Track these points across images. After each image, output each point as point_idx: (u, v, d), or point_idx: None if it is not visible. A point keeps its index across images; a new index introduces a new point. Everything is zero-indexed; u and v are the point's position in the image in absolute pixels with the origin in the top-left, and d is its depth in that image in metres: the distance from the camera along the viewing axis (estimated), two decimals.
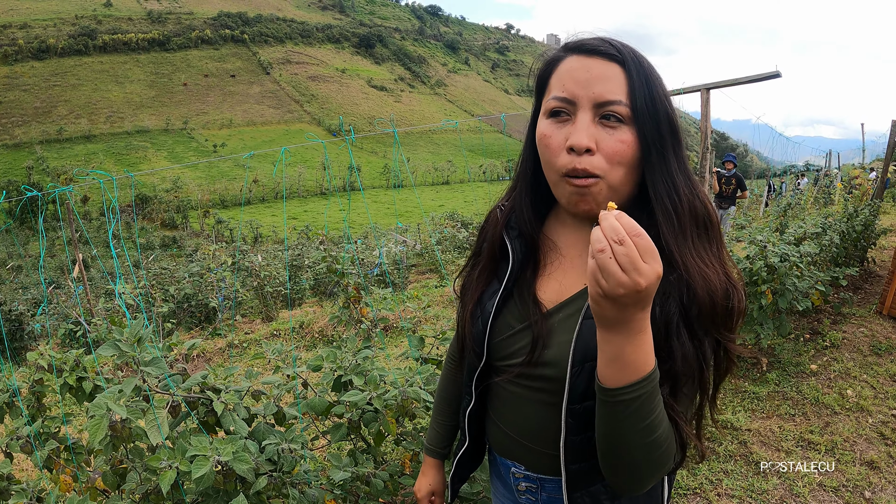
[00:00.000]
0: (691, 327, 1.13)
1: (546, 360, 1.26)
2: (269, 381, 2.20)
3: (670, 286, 1.12)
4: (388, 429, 2.26)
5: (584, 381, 1.17)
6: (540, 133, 1.24)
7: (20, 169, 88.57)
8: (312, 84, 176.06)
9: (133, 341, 1.60)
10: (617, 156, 1.15)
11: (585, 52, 1.19)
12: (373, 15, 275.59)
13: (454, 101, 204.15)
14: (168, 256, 31.02)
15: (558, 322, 1.27)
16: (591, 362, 1.15)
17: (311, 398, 2.39)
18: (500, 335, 1.36)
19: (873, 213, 8.62)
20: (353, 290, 2.93)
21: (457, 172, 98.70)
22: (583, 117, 1.16)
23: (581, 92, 1.16)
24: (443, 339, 2.95)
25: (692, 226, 1.18)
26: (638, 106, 1.15)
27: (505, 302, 1.37)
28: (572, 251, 1.34)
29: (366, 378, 2.40)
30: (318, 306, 11.37)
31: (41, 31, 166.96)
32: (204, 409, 1.90)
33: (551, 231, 1.40)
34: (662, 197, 1.18)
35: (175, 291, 11.13)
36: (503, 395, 1.38)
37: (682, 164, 1.21)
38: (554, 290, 1.32)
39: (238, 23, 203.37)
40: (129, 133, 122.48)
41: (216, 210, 67.50)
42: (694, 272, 1.12)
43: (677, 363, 1.11)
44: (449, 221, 20.22)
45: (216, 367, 7.48)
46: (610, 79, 1.15)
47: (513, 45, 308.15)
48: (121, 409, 1.48)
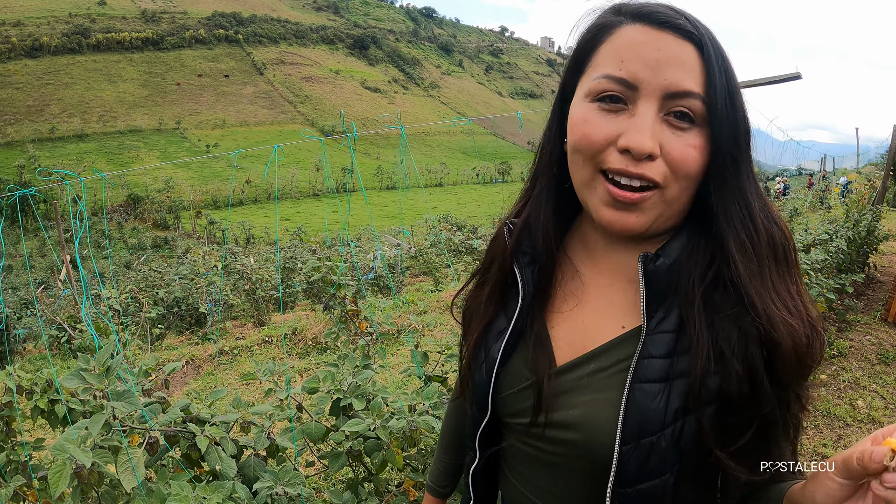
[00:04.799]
0: (773, 379, 0.90)
1: (566, 422, 0.99)
2: (259, 410, 1.97)
3: (749, 327, 0.89)
4: (394, 461, 2.05)
5: (638, 461, 0.91)
6: (577, 118, 0.96)
7: (12, 168, 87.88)
8: (306, 85, 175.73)
9: (101, 370, 1.38)
10: (685, 165, 0.90)
11: (653, 23, 0.92)
12: (367, 16, 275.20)
13: (448, 103, 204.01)
14: (159, 257, 30.82)
15: (586, 376, 0.99)
16: (649, 438, 0.90)
17: (306, 423, 2.18)
18: (508, 388, 1.08)
19: (875, 218, 8.54)
20: (351, 302, 2.72)
21: (450, 174, 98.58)
22: (646, 109, 0.90)
23: (648, 75, 0.89)
24: (449, 356, 2.76)
25: (770, 260, 0.94)
26: (717, 103, 0.89)
27: (514, 346, 1.09)
28: (599, 281, 1.06)
29: (367, 402, 2.20)
30: (311, 310, 11.17)
31: (34, 29, 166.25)
32: (186, 444, 1.68)
33: (573, 250, 1.12)
34: (735, 224, 0.93)
35: (164, 295, 10.91)
36: (519, 454, 1.11)
37: (754, 182, 0.96)
38: (576, 332, 1.04)
39: (232, 23, 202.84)
40: (121, 132, 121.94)
41: (208, 211, 67.15)
42: (777, 321, 0.89)
43: (765, 417, 0.90)
44: (444, 224, 20.03)
45: (206, 374, 7.27)
46: (685, 63, 0.89)
47: (507, 47, 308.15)
48: (85, 455, 1.26)
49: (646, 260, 0.95)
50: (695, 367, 0.89)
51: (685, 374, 0.90)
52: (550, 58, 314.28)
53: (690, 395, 0.88)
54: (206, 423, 1.70)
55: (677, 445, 0.90)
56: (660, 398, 0.90)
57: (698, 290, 0.93)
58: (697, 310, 0.92)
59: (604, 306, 1.04)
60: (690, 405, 0.89)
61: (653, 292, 0.95)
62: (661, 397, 0.90)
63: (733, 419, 0.89)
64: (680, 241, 0.97)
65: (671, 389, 0.90)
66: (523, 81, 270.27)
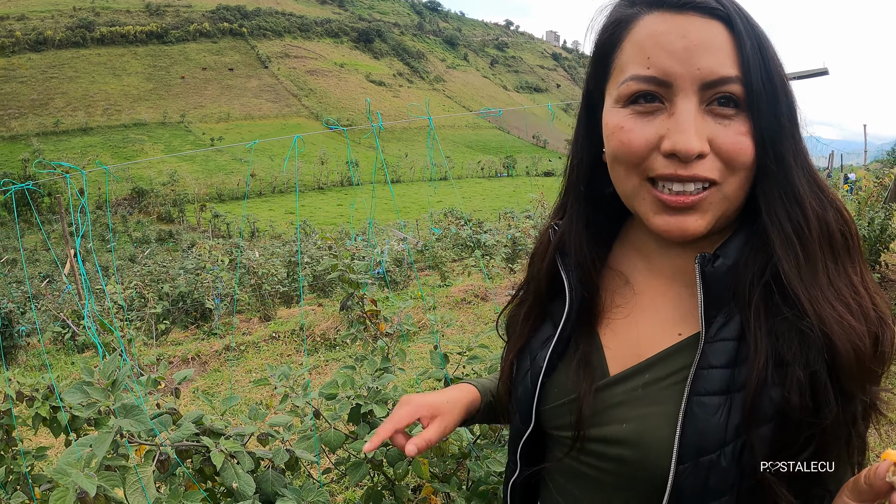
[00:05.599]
0: (836, 388, 0.80)
1: (617, 437, 0.90)
2: (277, 422, 1.83)
3: (808, 330, 0.80)
4: (420, 471, 1.91)
5: (696, 481, 0.82)
6: (612, 125, 0.88)
7: (16, 161, 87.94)
8: (311, 78, 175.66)
9: (107, 384, 1.24)
10: (741, 155, 0.82)
11: (672, 7, 0.83)
12: (372, 10, 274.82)
13: (452, 97, 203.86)
14: (164, 251, 30.79)
15: (640, 388, 0.90)
16: (709, 456, 0.81)
17: (325, 431, 2.04)
18: (555, 399, 0.99)
19: (888, 216, 8.44)
20: (370, 302, 2.59)
21: (455, 168, 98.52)
22: (686, 106, 0.81)
23: (679, 68, 0.81)
24: (470, 358, 2.62)
25: (825, 252, 0.84)
26: (753, 83, 0.81)
27: (561, 355, 1.01)
28: (654, 286, 0.98)
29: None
30: (318, 305, 11.07)
31: (39, 23, 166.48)
32: (199, 458, 1.55)
33: (619, 261, 1.04)
34: (779, 217, 0.84)
35: (169, 289, 10.81)
36: (563, 469, 1.01)
37: (804, 165, 0.86)
38: (629, 340, 0.96)
39: (236, 16, 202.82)
40: (126, 126, 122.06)
41: (213, 204, 67.14)
42: (831, 322, 0.79)
43: (827, 432, 0.79)
44: (450, 217, 19.93)
45: (212, 371, 7.15)
46: (716, 46, 0.81)
47: (512, 41, 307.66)
48: (89, 482, 1.12)
49: (703, 261, 0.86)
50: (751, 375, 0.80)
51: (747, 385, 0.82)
52: (556, 52, 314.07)
53: (744, 406, 0.80)
54: (220, 436, 1.56)
55: (738, 464, 0.81)
56: (720, 413, 0.81)
57: (756, 291, 0.84)
58: (755, 312, 0.83)
59: (659, 312, 0.95)
60: (744, 419, 0.80)
61: (711, 296, 0.86)
62: (722, 412, 0.81)
63: (790, 436, 0.80)
64: (739, 239, 0.88)
65: (732, 403, 0.81)
66: (528, 75, 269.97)
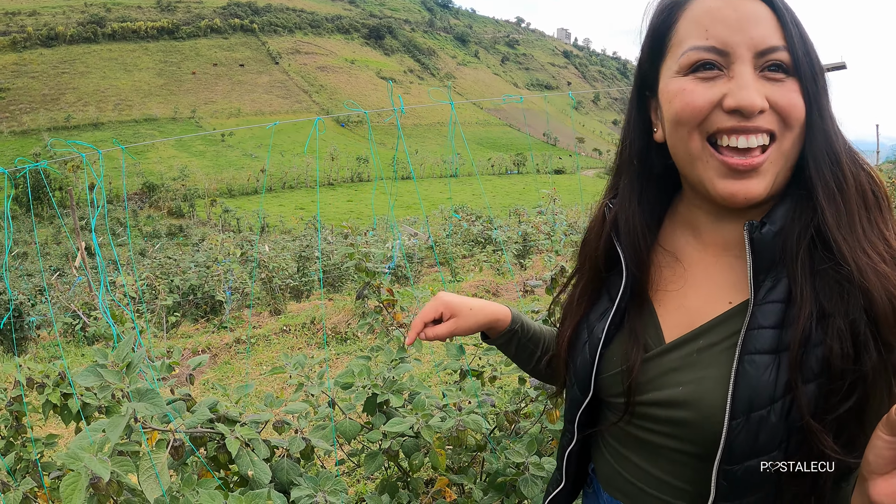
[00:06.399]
0: (875, 336, 0.85)
1: (674, 400, 0.96)
2: (293, 409, 1.79)
3: (845, 281, 0.87)
4: (437, 462, 1.87)
5: (747, 437, 0.87)
6: (674, 90, 0.95)
7: (28, 156, 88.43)
8: (321, 74, 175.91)
9: (122, 367, 1.20)
10: (795, 110, 0.90)
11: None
12: (382, 6, 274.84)
13: (463, 94, 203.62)
14: (174, 245, 30.85)
15: (695, 353, 0.96)
16: (759, 412, 0.87)
17: (340, 421, 2.00)
18: (613, 368, 1.05)
19: None
20: (387, 292, 2.54)
21: (465, 165, 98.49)
22: (744, 70, 0.90)
23: (735, 37, 0.90)
24: (486, 350, 2.58)
25: (860, 208, 0.92)
26: (797, 52, 0.91)
27: (619, 326, 1.07)
28: (704, 260, 1.04)
29: (406, 399, 2.02)
30: (329, 299, 11.04)
31: (50, 19, 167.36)
32: (214, 445, 1.51)
33: (669, 239, 1.10)
34: (824, 171, 0.92)
35: (180, 282, 10.80)
36: (618, 434, 1.08)
37: (838, 132, 0.95)
38: (682, 310, 1.03)
39: (247, 12, 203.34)
40: (136, 121, 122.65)
41: (223, 199, 67.28)
42: (868, 272, 0.86)
43: (867, 381, 0.84)
44: (462, 213, 19.88)
45: (222, 364, 7.12)
46: (763, 19, 0.91)
47: (523, 38, 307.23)
48: (103, 466, 1.08)
49: (751, 228, 0.94)
50: (797, 325, 0.87)
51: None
52: (566, 49, 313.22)
53: (791, 359, 0.86)
54: (235, 424, 1.52)
55: (786, 420, 0.87)
56: (770, 370, 0.87)
57: (802, 246, 0.92)
58: (802, 266, 0.90)
59: (711, 283, 1.02)
60: (790, 371, 0.86)
61: (759, 261, 0.93)
62: (772, 369, 0.87)
63: (834, 385, 0.85)
64: (784, 207, 0.95)
65: (781, 361, 0.88)
66: (539, 73, 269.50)
